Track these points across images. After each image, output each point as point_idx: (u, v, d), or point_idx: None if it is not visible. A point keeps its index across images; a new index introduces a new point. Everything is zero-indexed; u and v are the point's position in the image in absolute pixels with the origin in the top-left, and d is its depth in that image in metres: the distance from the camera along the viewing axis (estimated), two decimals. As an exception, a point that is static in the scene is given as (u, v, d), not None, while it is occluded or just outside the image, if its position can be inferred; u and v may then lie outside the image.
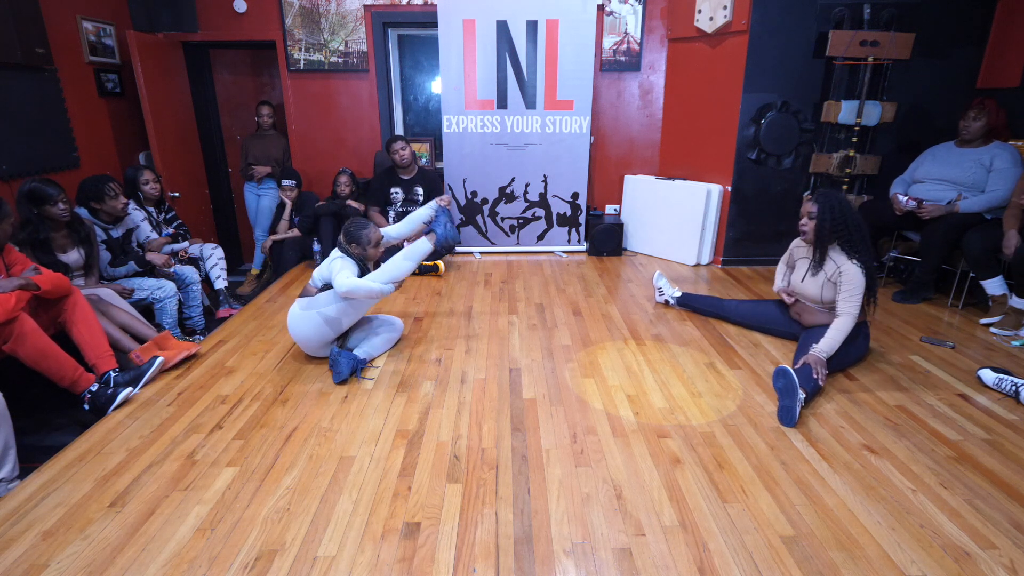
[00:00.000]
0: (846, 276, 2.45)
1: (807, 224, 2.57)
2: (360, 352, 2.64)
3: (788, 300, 2.79)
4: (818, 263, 2.58)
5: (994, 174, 3.15)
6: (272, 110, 4.56)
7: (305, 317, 2.55)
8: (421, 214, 2.98)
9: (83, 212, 3.05)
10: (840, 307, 2.45)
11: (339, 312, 2.55)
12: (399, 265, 2.66)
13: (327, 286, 2.58)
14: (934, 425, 2.16)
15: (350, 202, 4.11)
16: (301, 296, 2.62)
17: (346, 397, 2.37)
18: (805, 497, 1.76)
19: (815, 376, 2.26)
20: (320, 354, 2.67)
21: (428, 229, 2.74)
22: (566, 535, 1.61)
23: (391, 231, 2.87)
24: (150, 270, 3.30)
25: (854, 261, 2.45)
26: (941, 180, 3.34)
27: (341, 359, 2.50)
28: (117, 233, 3.18)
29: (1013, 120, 3.63)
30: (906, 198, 3.35)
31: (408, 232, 2.92)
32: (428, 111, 5.02)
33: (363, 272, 2.60)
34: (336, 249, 2.64)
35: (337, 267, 2.52)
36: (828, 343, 2.38)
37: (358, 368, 2.53)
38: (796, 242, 2.79)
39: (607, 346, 2.87)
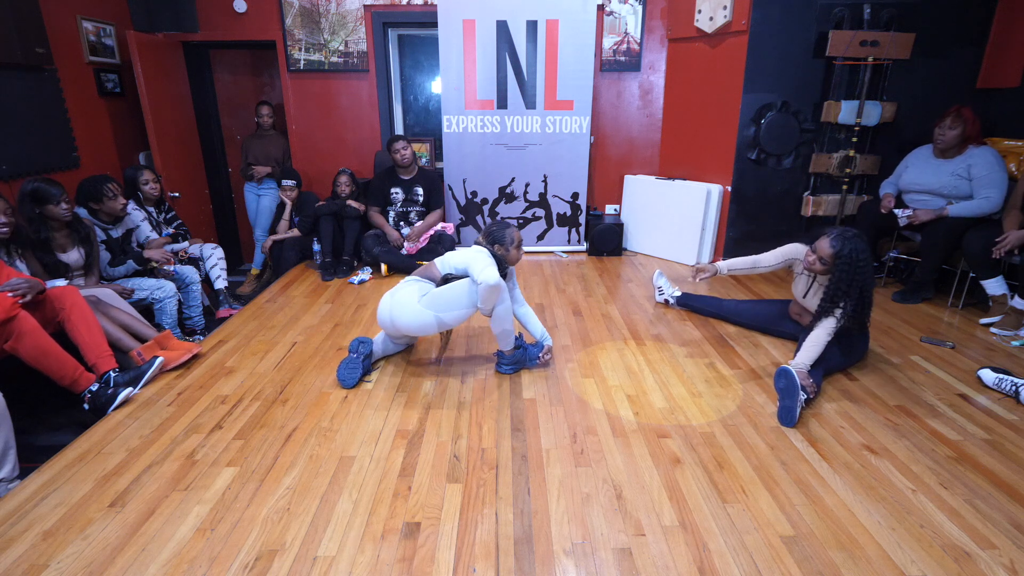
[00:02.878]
0: (833, 311, 2.39)
1: (816, 265, 2.44)
2: (382, 345, 2.65)
3: (697, 275, 2.90)
4: (826, 309, 2.38)
5: (977, 180, 3.12)
6: (272, 110, 4.56)
7: (420, 312, 2.40)
8: (536, 329, 2.69)
9: (82, 212, 3.05)
10: (819, 323, 2.39)
11: (455, 319, 2.43)
12: (507, 322, 2.47)
13: (448, 278, 2.48)
14: (934, 425, 2.16)
15: (350, 202, 4.11)
16: (419, 277, 2.52)
17: (346, 397, 2.37)
18: (805, 497, 1.76)
19: (807, 390, 2.23)
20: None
21: (519, 343, 2.63)
22: (566, 535, 1.61)
23: (527, 317, 2.70)
24: (150, 270, 3.30)
25: (841, 309, 2.33)
26: (925, 192, 3.34)
27: (356, 364, 2.47)
28: (117, 233, 3.18)
29: (1012, 120, 3.63)
30: (901, 211, 3.31)
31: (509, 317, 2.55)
32: (428, 111, 5.02)
33: (502, 274, 2.48)
34: (477, 245, 2.54)
35: (482, 266, 2.36)
36: (802, 356, 2.33)
37: (363, 375, 2.52)
38: (796, 251, 2.70)
39: (607, 346, 2.87)
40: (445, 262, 2.54)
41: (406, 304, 2.43)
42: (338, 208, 4.08)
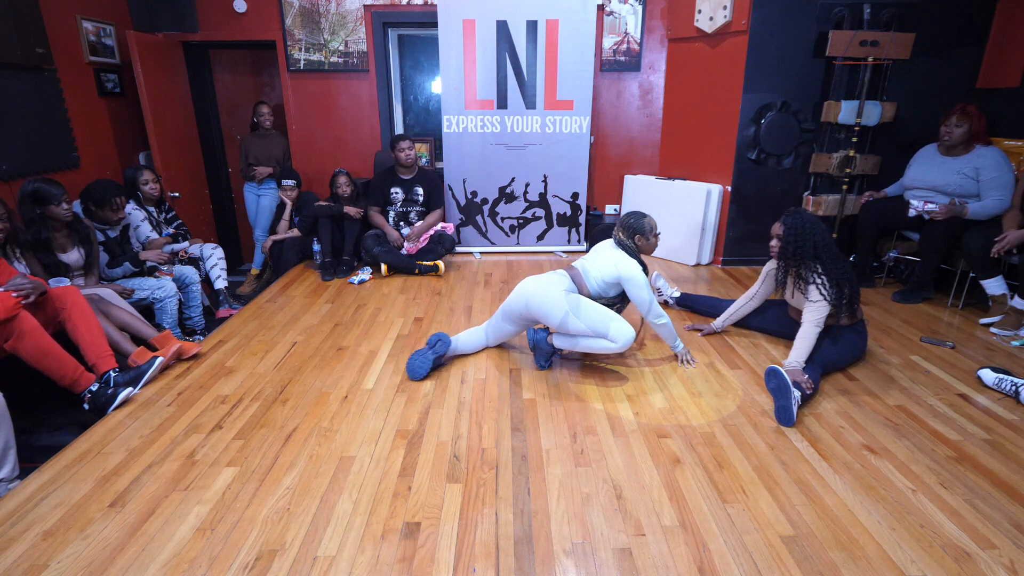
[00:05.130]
0: (809, 294, 2.44)
1: (776, 245, 2.55)
2: (471, 340, 2.70)
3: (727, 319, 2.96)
4: (783, 280, 2.57)
5: (986, 183, 3.12)
6: (270, 109, 4.56)
7: (559, 303, 2.38)
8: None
9: (76, 208, 3.04)
10: (804, 316, 2.43)
11: (576, 331, 2.39)
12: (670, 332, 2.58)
13: (600, 300, 2.51)
14: (934, 425, 2.16)
15: (348, 209, 4.10)
16: (566, 275, 2.49)
17: (346, 397, 2.37)
18: (805, 497, 1.76)
19: (803, 387, 2.24)
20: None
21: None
22: (566, 535, 1.61)
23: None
24: (150, 270, 3.30)
25: (814, 284, 2.42)
26: (931, 189, 3.34)
27: (427, 358, 2.50)
28: (115, 233, 3.17)
29: (1012, 120, 3.63)
30: (922, 202, 3.28)
31: None
32: (428, 111, 5.02)
33: (644, 270, 2.50)
34: (620, 249, 2.49)
35: (643, 290, 2.39)
36: (795, 354, 2.37)
37: (432, 371, 2.54)
38: (770, 263, 2.76)
39: (607, 346, 2.87)
40: (587, 273, 2.49)
41: (551, 288, 2.43)
42: (337, 211, 4.08)
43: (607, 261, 2.48)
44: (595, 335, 2.37)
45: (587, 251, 4.63)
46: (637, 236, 2.50)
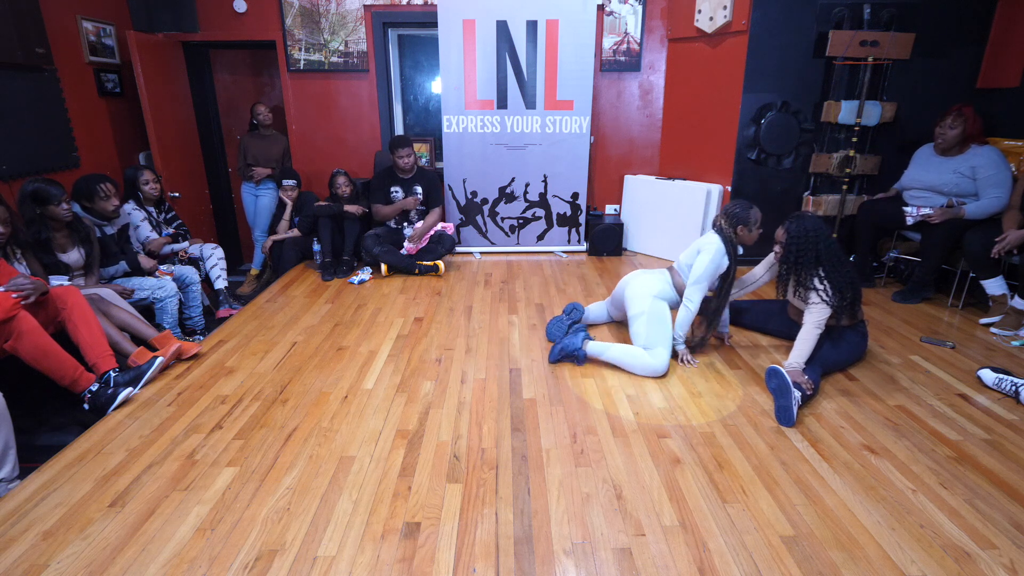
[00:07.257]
0: (810, 298, 2.44)
1: (779, 251, 2.54)
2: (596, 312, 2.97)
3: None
4: (784, 282, 2.58)
5: (983, 180, 3.13)
6: (267, 108, 4.54)
7: (643, 301, 2.57)
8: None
9: (75, 207, 3.03)
10: (805, 317, 2.43)
11: (639, 326, 2.55)
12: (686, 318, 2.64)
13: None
14: (934, 425, 2.16)
15: (348, 208, 4.10)
16: (671, 282, 2.62)
17: (346, 397, 2.37)
18: (805, 497, 1.76)
19: (803, 387, 2.24)
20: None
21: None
22: (566, 535, 1.61)
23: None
24: (147, 273, 3.30)
25: (815, 289, 2.41)
26: (928, 189, 3.35)
27: (562, 323, 2.82)
28: (111, 231, 3.16)
29: (1012, 120, 3.63)
30: (909, 209, 3.35)
31: None
32: (428, 111, 5.02)
33: (732, 263, 2.58)
34: (719, 236, 2.56)
35: (708, 266, 2.50)
36: (795, 355, 2.37)
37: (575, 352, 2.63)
38: (771, 256, 2.75)
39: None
40: (683, 265, 2.60)
41: (646, 287, 2.61)
42: (337, 211, 4.08)
43: (700, 240, 2.58)
44: (645, 344, 2.52)
45: (587, 251, 4.67)
46: (740, 227, 2.56)
